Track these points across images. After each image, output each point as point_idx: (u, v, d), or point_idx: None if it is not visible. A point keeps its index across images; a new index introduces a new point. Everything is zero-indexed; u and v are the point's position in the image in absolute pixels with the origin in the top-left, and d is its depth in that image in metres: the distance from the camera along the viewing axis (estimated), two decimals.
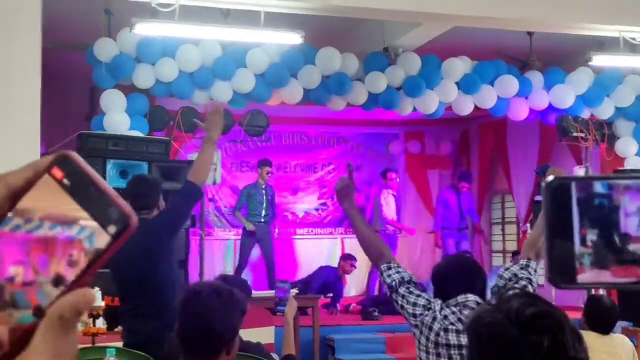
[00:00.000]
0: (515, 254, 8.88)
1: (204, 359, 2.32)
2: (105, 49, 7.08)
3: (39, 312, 0.60)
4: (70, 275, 0.62)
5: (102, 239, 0.62)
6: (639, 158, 8.55)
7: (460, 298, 3.04)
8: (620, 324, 5.99)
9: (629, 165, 8.45)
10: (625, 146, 8.61)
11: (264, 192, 9.60)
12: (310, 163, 11.29)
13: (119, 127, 7.02)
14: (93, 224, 0.62)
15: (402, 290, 3.14)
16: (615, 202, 0.65)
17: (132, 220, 0.62)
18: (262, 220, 9.54)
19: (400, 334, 7.98)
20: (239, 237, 10.93)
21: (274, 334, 6.06)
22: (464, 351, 2.80)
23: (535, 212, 6.63)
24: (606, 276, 0.65)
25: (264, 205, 9.54)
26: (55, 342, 0.59)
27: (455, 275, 3.12)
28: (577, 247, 0.65)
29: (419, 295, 3.12)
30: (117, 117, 7.10)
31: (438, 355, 3.01)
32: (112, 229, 0.62)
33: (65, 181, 0.63)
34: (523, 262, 3.16)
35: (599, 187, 0.66)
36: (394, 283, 3.15)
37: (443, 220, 10.30)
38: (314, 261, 11.01)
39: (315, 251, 11.18)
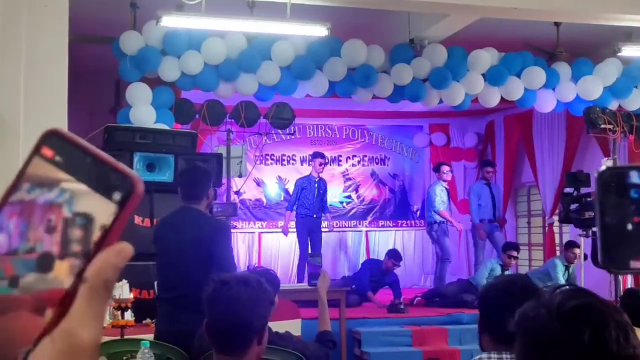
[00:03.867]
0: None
1: (235, 349, 2.31)
2: (131, 42, 7.10)
3: (15, 283, 0.58)
4: (48, 243, 0.58)
5: (108, 208, 0.59)
6: None
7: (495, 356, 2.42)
8: None
9: None
10: None
11: (316, 185, 9.57)
12: (335, 156, 11.27)
13: (145, 120, 7.03)
14: (76, 185, 0.59)
15: None
16: None
17: (138, 184, 0.59)
18: (315, 215, 9.50)
19: (426, 327, 7.96)
20: (264, 229, 10.97)
21: (301, 326, 6.07)
22: None
23: (564, 205, 6.55)
24: None
25: (315, 200, 9.50)
26: (102, 306, 0.58)
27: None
28: (630, 234, 0.65)
29: None
30: (143, 110, 7.11)
31: None
32: (117, 195, 0.58)
33: (57, 158, 0.60)
34: None
35: None
36: None
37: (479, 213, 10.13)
38: (337, 253, 11.06)
39: (339, 243, 11.19)
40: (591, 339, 1.30)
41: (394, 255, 9.20)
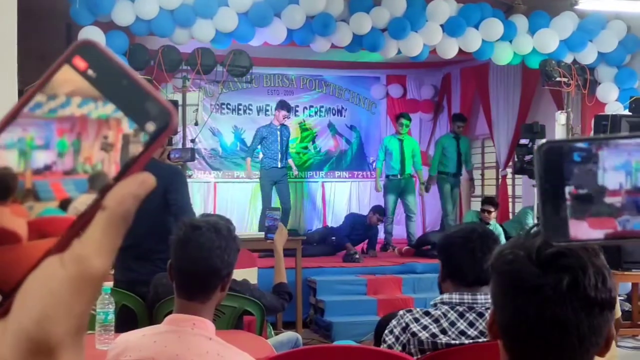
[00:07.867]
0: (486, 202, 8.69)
1: (199, 295, 2.28)
2: None
3: (66, 205, 0.53)
4: (105, 161, 0.53)
5: (139, 137, 0.53)
6: (619, 104, 8.56)
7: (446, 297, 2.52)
8: None
9: (609, 111, 8.46)
10: (606, 92, 8.61)
11: (278, 133, 9.33)
12: (292, 106, 11.19)
13: None
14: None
15: None
16: (598, 160, 0.68)
17: (174, 117, 0.54)
18: (279, 165, 9.25)
19: (381, 276, 8.06)
20: (220, 179, 10.90)
21: (257, 275, 6.08)
22: None
23: (518, 156, 6.63)
24: (595, 231, 0.68)
25: (279, 148, 9.25)
26: (118, 237, 0.53)
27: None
28: (568, 205, 0.68)
29: None
30: None
31: None
32: (151, 126, 0.53)
33: (90, 72, 0.53)
34: None
35: (583, 147, 0.69)
36: None
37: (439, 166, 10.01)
38: (296, 203, 11.06)
39: (295, 194, 11.18)
40: (569, 285, 1.31)
41: (379, 210, 9.23)
